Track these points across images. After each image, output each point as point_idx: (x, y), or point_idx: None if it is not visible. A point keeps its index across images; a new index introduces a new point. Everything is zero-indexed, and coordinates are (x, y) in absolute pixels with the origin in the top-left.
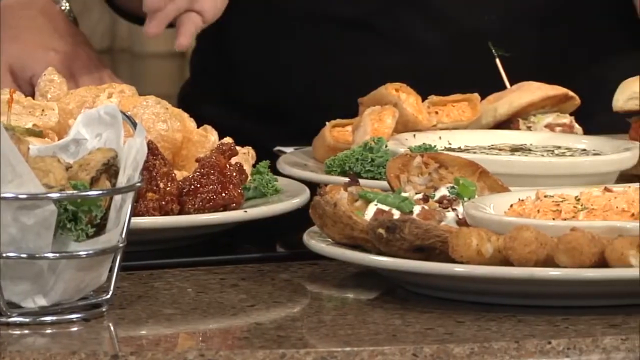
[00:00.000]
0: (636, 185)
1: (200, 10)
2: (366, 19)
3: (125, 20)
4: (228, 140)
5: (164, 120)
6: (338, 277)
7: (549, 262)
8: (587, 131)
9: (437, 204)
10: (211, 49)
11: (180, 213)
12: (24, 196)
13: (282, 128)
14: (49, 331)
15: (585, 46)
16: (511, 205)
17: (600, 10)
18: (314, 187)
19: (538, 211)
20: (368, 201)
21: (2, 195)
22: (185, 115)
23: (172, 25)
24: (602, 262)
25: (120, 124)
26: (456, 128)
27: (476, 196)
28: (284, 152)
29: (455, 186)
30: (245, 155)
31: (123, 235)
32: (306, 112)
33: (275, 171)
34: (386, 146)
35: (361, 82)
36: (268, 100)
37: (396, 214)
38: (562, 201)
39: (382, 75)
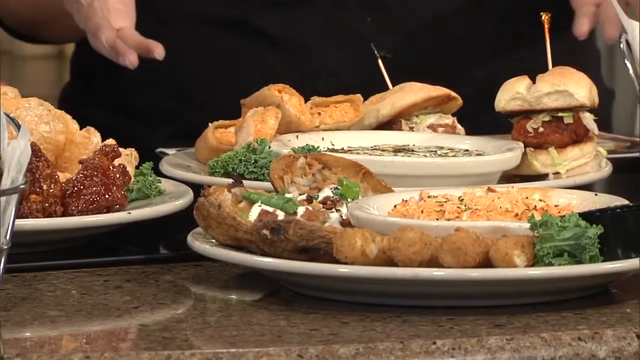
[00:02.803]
0: (519, 185)
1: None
2: (247, 19)
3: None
4: (111, 141)
5: (46, 122)
6: (222, 278)
7: (434, 262)
8: (470, 132)
9: (320, 205)
10: (92, 50)
11: (63, 215)
12: None
13: (164, 129)
14: None
15: (467, 47)
16: (395, 206)
17: (483, 14)
18: (197, 188)
19: (422, 212)
20: (252, 202)
21: None
22: (68, 117)
23: None
24: (486, 262)
25: (4, 126)
26: (339, 129)
27: (360, 197)
28: (167, 154)
29: (339, 187)
30: (129, 157)
31: (7, 237)
32: (188, 113)
33: (158, 172)
34: (269, 147)
35: (243, 83)
36: (150, 101)
37: (280, 215)
38: (445, 201)
39: (264, 76)
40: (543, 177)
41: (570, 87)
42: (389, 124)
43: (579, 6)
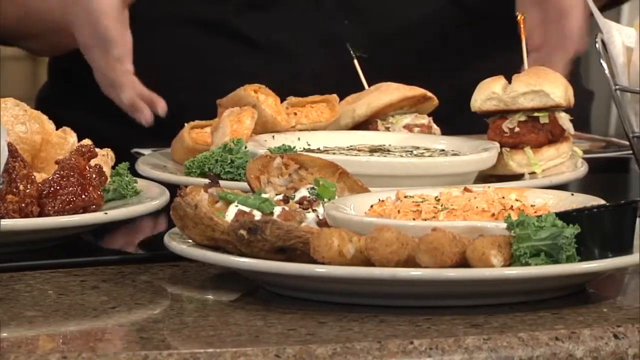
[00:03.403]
0: (495, 185)
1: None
2: (223, 20)
3: None
4: (87, 142)
5: (22, 123)
6: (199, 278)
7: (411, 262)
8: (446, 132)
9: (297, 205)
10: (70, 51)
11: (40, 215)
12: None
13: (139, 130)
14: None
15: (443, 48)
16: (371, 206)
17: (459, 15)
18: (173, 188)
19: (398, 211)
20: (229, 202)
21: None
22: (44, 117)
23: None
24: (463, 262)
25: None
26: (315, 129)
27: (336, 197)
28: (142, 154)
29: (315, 187)
30: (105, 157)
31: None
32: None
33: (135, 173)
34: (245, 147)
35: (219, 83)
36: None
37: (257, 215)
38: (422, 201)
39: (240, 76)
40: (519, 177)
41: (546, 87)
42: (365, 124)
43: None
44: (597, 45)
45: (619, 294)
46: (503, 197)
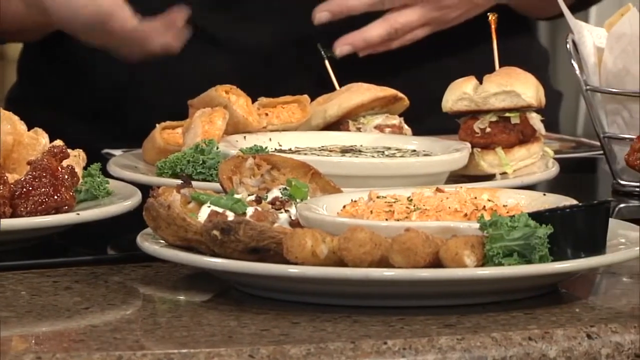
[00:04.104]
0: (467, 185)
1: None
2: (189, 20)
3: None
4: (59, 142)
5: None
6: (172, 279)
7: (384, 262)
8: (417, 132)
9: (269, 206)
10: (39, 51)
11: (12, 216)
12: None
13: (110, 130)
14: None
15: (414, 48)
16: (344, 207)
17: None
18: (145, 189)
19: (371, 212)
20: (201, 203)
21: None
22: (16, 118)
23: None
24: (436, 263)
25: None
26: (286, 130)
27: (308, 197)
28: (113, 155)
29: (288, 187)
30: (76, 158)
31: None
32: (135, 114)
33: (106, 174)
34: (217, 148)
35: (189, 83)
36: (96, 102)
37: (230, 216)
38: (394, 202)
39: (209, 77)
40: (490, 177)
41: (517, 87)
42: (336, 124)
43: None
44: (568, 46)
45: (591, 294)
46: (475, 198)
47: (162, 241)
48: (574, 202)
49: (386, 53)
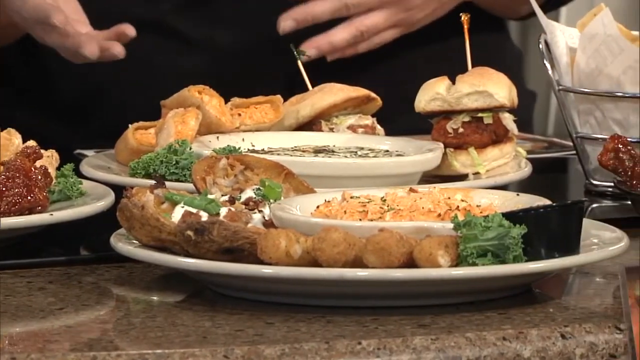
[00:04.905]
0: (441, 185)
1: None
2: (161, 19)
3: None
4: (32, 143)
5: None
6: (145, 279)
7: (358, 262)
8: (389, 132)
9: (243, 206)
10: (11, 51)
11: None
12: None
13: (83, 131)
14: None
15: (387, 49)
16: (318, 207)
17: None
18: (118, 189)
19: (345, 212)
20: (175, 203)
21: None
22: None
23: None
24: (410, 263)
25: None
26: (259, 130)
27: (282, 198)
28: (85, 155)
29: (261, 188)
30: (50, 159)
31: None
32: (107, 115)
33: (79, 174)
34: (190, 148)
35: (161, 83)
36: (68, 102)
37: (204, 216)
38: (368, 202)
39: (181, 77)
40: (463, 177)
41: (490, 87)
42: (309, 124)
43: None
44: (540, 46)
45: (565, 294)
46: (449, 198)
47: (135, 241)
48: (548, 202)
49: (359, 54)
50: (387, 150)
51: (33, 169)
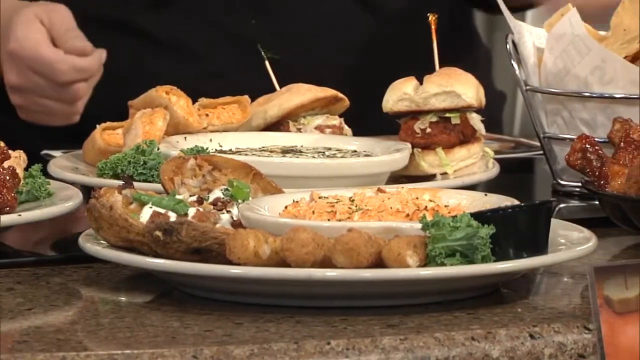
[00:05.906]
0: (409, 185)
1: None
2: (128, 19)
3: None
4: (0, 143)
5: None
6: (113, 280)
7: (327, 263)
8: (357, 133)
9: (211, 206)
10: None
11: None
12: None
13: (50, 131)
14: None
15: (353, 48)
16: (286, 207)
17: (370, 15)
18: (86, 190)
19: (313, 212)
20: (143, 204)
21: None
22: None
23: None
24: (379, 263)
25: None
26: (227, 130)
27: (250, 198)
28: (53, 156)
29: (229, 188)
30: (17, 159)
31: None
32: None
33: (47, 175)
34: (158, 149)
35: (127, 83)
36: None
37: (172, 217)
38: (336, 202)
39: (149, 77)
40: (431, 177)
41: (458, 87)
42: (276, 125)
43: None
44: (507, 46)
45: (533, 294)
46: (417, 198)
47: (104, 242)
48: (516, 202)
49: (325, 54)
50: (355, 151)
51: (1, 169)
